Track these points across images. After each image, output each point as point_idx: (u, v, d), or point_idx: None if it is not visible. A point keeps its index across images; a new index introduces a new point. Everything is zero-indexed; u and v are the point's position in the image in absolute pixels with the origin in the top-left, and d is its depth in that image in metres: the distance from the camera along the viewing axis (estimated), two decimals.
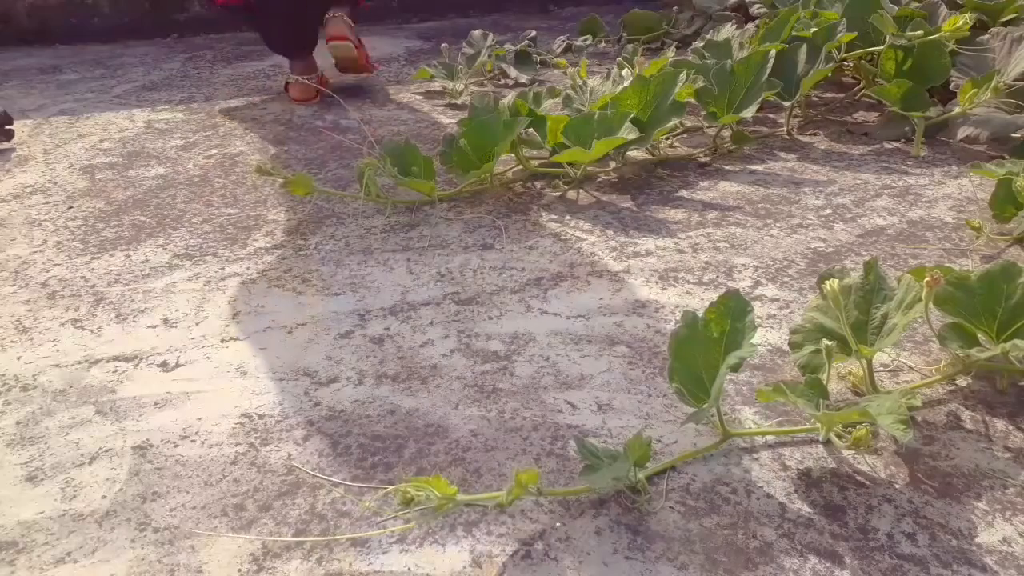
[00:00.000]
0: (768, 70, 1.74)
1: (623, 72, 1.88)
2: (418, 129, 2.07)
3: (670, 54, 2.18)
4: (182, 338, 1.20)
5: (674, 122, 1.68)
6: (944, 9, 1.91)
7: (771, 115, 2.03)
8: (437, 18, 3.48)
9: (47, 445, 0.98)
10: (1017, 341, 0.94)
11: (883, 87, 1.82)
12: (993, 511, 0.84)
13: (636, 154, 1.79)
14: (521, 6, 3.55)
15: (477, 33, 2.55)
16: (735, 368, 0.86)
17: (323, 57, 2.33)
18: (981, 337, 1.00)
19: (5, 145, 2.03)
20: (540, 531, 0.83)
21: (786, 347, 1.07)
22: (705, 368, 0.94)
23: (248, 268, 1.39)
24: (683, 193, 1.62)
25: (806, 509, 0.85)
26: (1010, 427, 0.96)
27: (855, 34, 1.84)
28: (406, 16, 3.44)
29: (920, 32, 1.80)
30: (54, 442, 0.99)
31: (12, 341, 1.20)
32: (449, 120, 2.13)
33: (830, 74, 1.95)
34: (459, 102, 2.28)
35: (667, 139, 1.86)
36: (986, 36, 1.83)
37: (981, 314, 1.00)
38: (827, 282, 0.95)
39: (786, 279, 1.30)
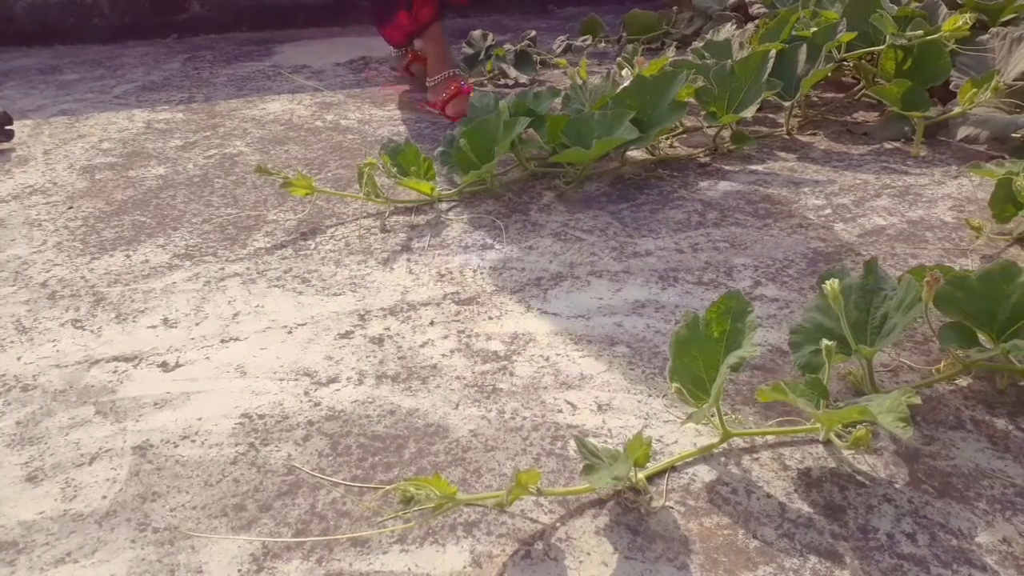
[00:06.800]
0: (768, 70, 1.74)
1: (623, 72, 1.88)
2: (418, 129, 2.07)
3: (670, 54, 2.18)
4: (182, 338, 1.20)
5: (674, 122, 1.68)
6: (944, 9, 1.91)
7: (771, 115, 2.03)
8: None
9: (47, 445, 0.98)
10: (1017, 341, 0.94)
11: (883, 87, 1.82)
12: (993, 511, 0.84)
13: (636, 154, 1.79)
14: (521, 6, 3.55)
15: (477, 33, 2.55)
16: (736, 368, 0.86)
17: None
18: (981, 337, 1.00)
19: (5, 145, 2.03)
20: (540, 531, 0.83)
21: (786, 347, 1.06)
22: (705, 368, 0.94)
23: (248, 268, 1.39)
24: (683, 193, 1.62)
25: (806, 509, 0.85)
26: (1010, 427, 0.96)
27: (855, 34, 1.84)
28: None
29: (920, 32, 1.80)
30: (54, 442, 0.99)
31: (12, 341, 1.20)
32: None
33: (830, 74, 1.95)
34: None
35: (667, 139, 1.86)
36: (986, 36, 1.83)
37: (981, 314, 1.00)
38: (827, 282, 0.95)
39: (786, 279, 1.30)
